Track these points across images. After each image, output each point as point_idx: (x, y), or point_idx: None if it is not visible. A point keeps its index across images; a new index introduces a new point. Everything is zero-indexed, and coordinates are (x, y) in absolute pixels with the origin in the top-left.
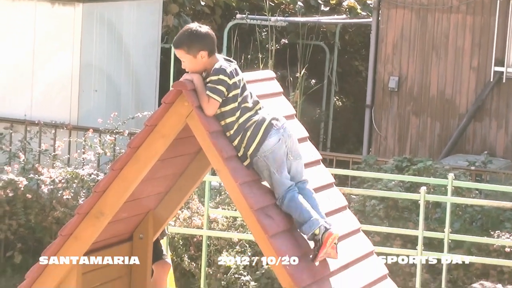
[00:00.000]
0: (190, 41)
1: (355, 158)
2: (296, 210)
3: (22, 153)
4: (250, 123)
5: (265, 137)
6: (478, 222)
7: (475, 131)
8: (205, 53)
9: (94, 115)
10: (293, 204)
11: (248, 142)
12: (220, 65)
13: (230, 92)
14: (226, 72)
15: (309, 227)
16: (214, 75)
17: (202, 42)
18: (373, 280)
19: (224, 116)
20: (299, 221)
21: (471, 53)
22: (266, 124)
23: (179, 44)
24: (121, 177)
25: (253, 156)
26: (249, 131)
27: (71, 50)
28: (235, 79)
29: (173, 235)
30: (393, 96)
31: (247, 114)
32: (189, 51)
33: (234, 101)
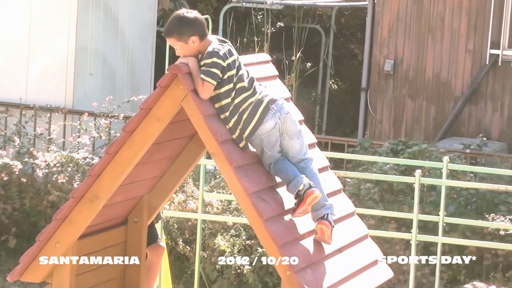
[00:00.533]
0: (180, 28)
1: (350, 141)
2: (282, 171)
3: (17, 137)
4: (246, 104)
5: (261, 121)
6: (473, 205)
7: (471, 114)
8: (196, 38)
9: (89, 99)
10: (277, 167)
11: (244, 124)
12: (213, 47)
13: (225, 74)
14: (219, 54)
15: (294, 185)
16: (207, 58)
17: (192, 27)
18: (368, 264)
19: (219, 98)
20: (285, 181)
21: (467, 36)
22: (263, 108)
23: (169, 32)
24: (116, 160)
25: (248, 138)
26: (246, 113)
27: (67, 33)
28: (229, 60)
29: (168, 219)
30: (388, 79)
31: (243, 94)
32: (180, 38)
33: (229, 82)
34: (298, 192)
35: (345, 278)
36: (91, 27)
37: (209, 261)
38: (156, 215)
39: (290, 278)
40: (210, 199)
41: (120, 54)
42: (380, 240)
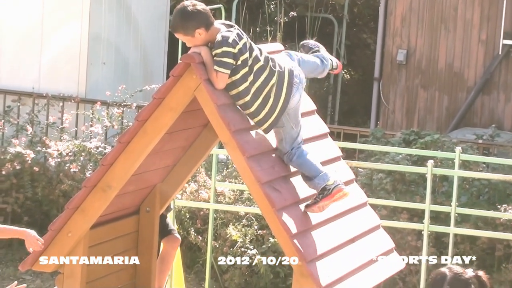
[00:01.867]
0: (183, 22)
1: (362, 131)
2: (306, 165)
3: (29, 126)
4: (269, 86)
5: (288, 98)
6: (485, 195)
7: (483, 104)
8: (201, 30)
9: (102, 88)
10: (301, 160)
11: (272, 106)
12: (221, 36)
13: (238, 60)
14: (228, 42)
15: (321, 179)
16: (217, 48)
17: (195, 20)
18: (380, 254)
19: (236, 85)
20: (309, 175)
21: (480, 26)
22: (286, 85)
23: (175, 28)
24: (128, 150)
25: (278, 119)
26: (271, 95)
27: (80, 21)
28: (239, 45)
29: (180, 209)
30: (401, 69)
31: (263, 75)
32: (186, 33)
33: (244, 66)
34: (326, 186)
35: (357, 268)
36: (104, 16)
37: (220, 251)
38: (167, 206)
39: (302, 268)
40: (222, 188)
41: (133, 43)
42: (392, 230)
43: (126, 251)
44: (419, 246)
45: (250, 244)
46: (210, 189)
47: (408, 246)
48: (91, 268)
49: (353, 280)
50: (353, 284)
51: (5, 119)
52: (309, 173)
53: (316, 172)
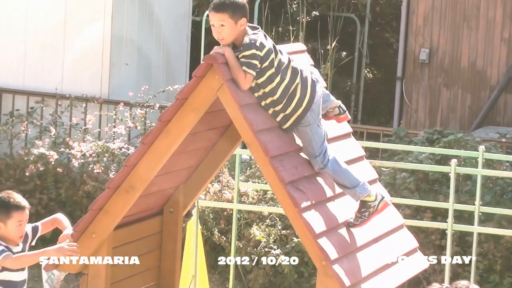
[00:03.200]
0: (236, 5)
1: (385, 130)
2: (343, 175)
3: (53, 127)
4: (294, 86)
5: (313, 94)
6: (509, 194)
7: (506, 103)
8: (245, 21)
9: (124, 89)
10: (338, 168)
11: (298, 101)
12: (249, 39)
13: (264, 63)
14: (256, 45)
15: (363, 190)
16: (246, 50)
17: (245, 9)
18: (404, 253)
19: (261, 86)
20: (347, 185)
21: (503, 24)
22: (310, 83)
23: (224, 7)
24: (151, 151)
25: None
26: (296, 95)
27: (102, 22)
28: (266, 48)
29: (203, 209)
30: (424, 68)
31: (288, 75)
32: (233, 16)
33: (270, 67)
34: (370, 203)
35: (381, 268)
36: (126, 16)
37: (244, 251)
38: (190, 206)
39: (326, 268)
40: (245, 188)
41: (156, 44)
42: (415, 229)
43: (150, 252)
44: (443, 245)
45: (274, 244)
46: (233, 189)
47: (432, 245)
48: (115, 268)
49: (377, 280)
50: (377, 284)
51: (28, 121)
52: (347, 182)
53: (354, 182)
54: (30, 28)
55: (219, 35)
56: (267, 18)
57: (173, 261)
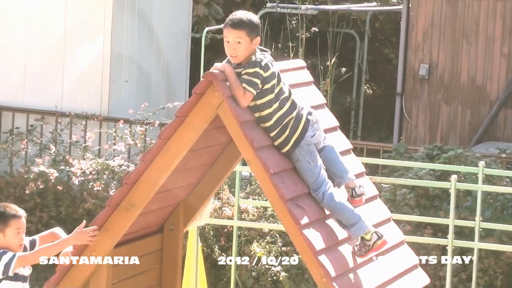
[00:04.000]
0: (253, 24)
1: (385, 146)
2: (338, 211)
3: (53, 144)
4: (288, 118)
5: (304, 133)
6: (509, 210)
7: (506, 118)
8: (258, 40)
9: (124, 106)
10: (333, 205)
11: (287, 136)
12: (256, 57)
13: (265, 85)
14: (261, 64)
15: (358, 230)
16: (250, 67)
17: (259, 29)
18: (404, 270)
19: (259, 109)
20: (344, 223)
21: (502, 40)
22: (304, 120)
23: (243, 25)
24: (151, 168)
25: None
26: (289, 127)
27: (102, 40)
28: (270, 70)
29: (204, 226)
30: (423, 84)
31: (286, 105)
32: (249, 34)
33: (271, 92)
34: (365, 241)
35: (382, 284)
36: (125, 34)
37: (245, 268)
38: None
39: (326, 285)
40: (245, 205)
41: (155, 61)
42: (416, 246)
43: (151, 269)
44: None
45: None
46: (233, 206)
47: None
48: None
49: None
50: None
51: (28, 138)
52: (342, 219)
53: (351, 220)
54: (29, 46)
55: (234, 51)
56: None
57: (173, 279)
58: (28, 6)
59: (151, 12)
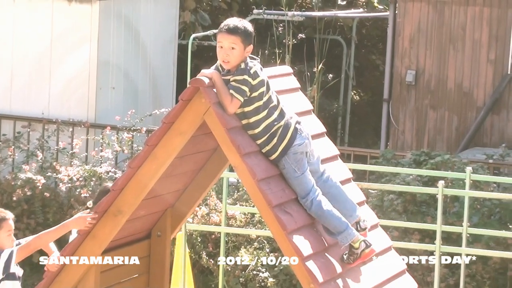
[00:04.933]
0: (247, 33)
1: (372, 152)
2: (326, 219)
3: (40, 151)
4: (276, 127)
5: (292, 142)
6: (496, 215)
7: (493, 124)
8: (251, 48)
9: (111, 113)
10: (320, 213)
11: (274, 146)
12: (245, 64)
13: (253, 92)
14: (250, 72)
15: (345, 238)
16: (239, 74)
17: (252, 37)
18: (392, 275)
19: (246, 116)
20: (331, 231)
21: (488, 46)
22: (292, 129)
23: (237, 31)
24: (139, 174)
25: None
26: (276, 136)
27: (89, 47)
28: (259, 78)
29: (191, 232)
30: (410, 90)
31: (275, 114)
32: (244, 41)
33: (259, 99)
34: (353, 249)
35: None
36: (112, 41)
37: (233, 274)
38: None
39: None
40: (233, 212)
41: (142, 68)
42: (403, 251)
43: (138, 276)
44: (431, 267)
45: (262, 267)
46: (221, 212)
47: (421, 267)
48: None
49: None
50: None
51: (15, 145)
52: (330, 227)
53: (338, 227)
54: (17, 53)
55: (226, 57)
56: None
57: (161, 285)
58: (15, 14)
59: (138, 19)
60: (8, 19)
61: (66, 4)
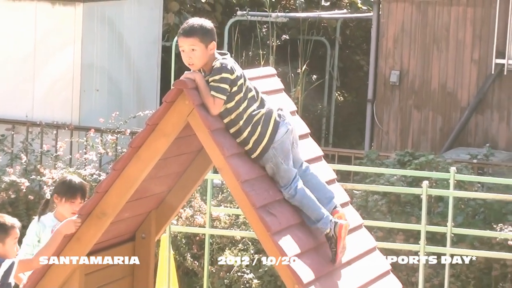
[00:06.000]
0: (204, 30)
1: (357, 153)
2: (309, 206)
3: (24, 154)
4: (259, 115)
5: (276, 129)
6: (480, 215)
7: (477, 124)
8: (214, 45)
9: (95, 115)
10: (305, 201)
11: (260, 134)
12: (220, 63)
13: (233, 87)
14: (227, 68)
15: (325, 224)
16: (216, 74)
17: (213, 33)
18: (376, 276)
19: (229, 112)
20: (312, 218)
21: (472, 46)
22: (275, 116)
23: (194, 32)
24: (123, 177)
25: (267, 148)
26: (260, 124)
27: (72, 50)
28: (236, 72)
29: (176, 234)
30: (394, 90)
31: (254, 104)
32: (203, 40)
33: (239, 92)
34: (327, 234)
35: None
36: (96, 43)
37: (217, 276)
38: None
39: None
40: (217, 213)
41: (126, 70)
42: (388, 251)
43: (123, 278)
44: (416, 267)
45: (246, 269)
46: (205, 214)
47: (405, 267)
48: None
49: None
50: None
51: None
52: (311, 215)
53: (318, 215)
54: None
55: (190, 60)
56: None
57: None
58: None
59: (122, 21)
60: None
61: (50, 6)
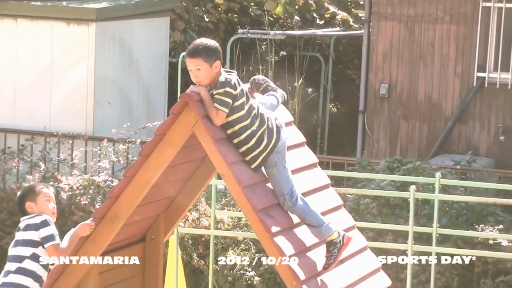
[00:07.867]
0: (209, 50)
1: (349, 160)
2: (310, 214)
3: (42, 162)
4: (261, 131)
5: (278, 138)
6: (463, 217)
7: (460, 133)
8: (219, 63)
9: (108, 126)
10: (306, 209)
11: (264, 146)
12: (225, 78)
13: (236, 101)
14: (231, 84)
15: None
16: (220, 88)
17: (218, 53)
18: (368, 273)
19: (231, 125)
20: (314, 224)
21: (456, 61)
22: (275, 128)
23: (198, 52)
24: (133, 183)
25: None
26: (265, 138)
27: (86, 65)
28: (239, 88)
29: (183, 235)
30: (384, 102)
31: (257, 122)
32: (207, 59)
33: (241, 109)
34: (333, 240)
35: (347, 286)
36: (108, 60)
37: (221, 273)
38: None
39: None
40: (221, 216)
41: (136, 84)
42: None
43: (134, 276)
44: (404, 265)
45: (248, 267)
46: (210, 217)
47: (394, 265)
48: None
49: None
50: None
51: (19, 157)
52: (314, 221)
53: (319, 222)
54: (19, 72)
55: (196, 78)
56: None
57: (155, 285)
58: (18, 35)
59: (132, 39)
60: (11, 40)
61: (65, 25)
